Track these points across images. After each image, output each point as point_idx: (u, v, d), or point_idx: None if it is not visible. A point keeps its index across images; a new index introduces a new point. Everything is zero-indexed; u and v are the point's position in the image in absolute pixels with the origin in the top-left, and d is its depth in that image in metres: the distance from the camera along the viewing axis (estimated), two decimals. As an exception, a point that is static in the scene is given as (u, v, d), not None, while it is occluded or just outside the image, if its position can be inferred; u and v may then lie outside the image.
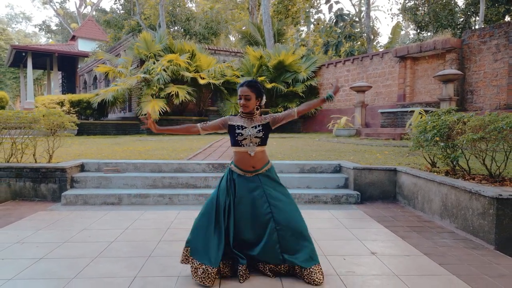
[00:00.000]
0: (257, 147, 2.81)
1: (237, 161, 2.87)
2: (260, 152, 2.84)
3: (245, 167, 2.83)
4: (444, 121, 4.64)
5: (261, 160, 2.85)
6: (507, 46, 10.70)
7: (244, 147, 2.80)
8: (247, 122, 2.84)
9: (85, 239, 3.70)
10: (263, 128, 2.83)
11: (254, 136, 2.79)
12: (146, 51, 15.82)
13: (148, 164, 6.12)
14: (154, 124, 2.91)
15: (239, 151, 2.83)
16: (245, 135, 2.79)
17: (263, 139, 2.83)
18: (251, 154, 2.79)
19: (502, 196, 3.47)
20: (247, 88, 2.80)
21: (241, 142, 2.79)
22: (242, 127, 2.81)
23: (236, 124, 2.84)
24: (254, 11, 28.71)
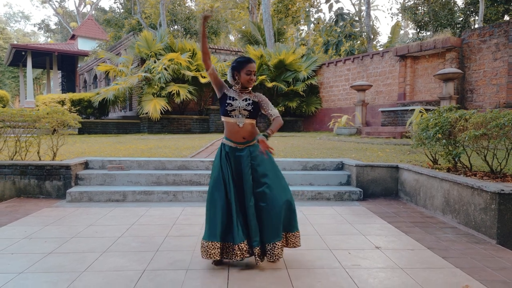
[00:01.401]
0: (246, 119, 2.88)
1: (228, 133, 2.94)
2: (249, 124, 2.90)
3: (236, 138, 2.89)
4: (446, 118, 4.69)
5: (251, 132, 2.91)
6: (506, 45, 10.77)
7: (232, 118, 2.87)
8: (239, 95, 2.93)
9: (93, 235, 3.75)
10: (253, 103, 2.92)
11: (243, 108, 2.87)
12: (147, 50, 15.85)
13: (152, 162, 6.17)
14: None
15: (228, 122, 2.91)
16: (235, 106, 2.87)
17: (252, 113, 2.89)
18: (240, 125, 2.86)
19: (504, 191, 3.52)
20: (255, 64, 2.93)
21: (230, 112, 2.87)
22: (233, 98, 2.90)
23: (228, 95, 2.92)
24: (254, 10, 28.74)
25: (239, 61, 2.93)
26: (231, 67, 2.95)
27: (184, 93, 14.37)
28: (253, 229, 2.82)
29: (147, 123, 15.04)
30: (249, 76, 2.90)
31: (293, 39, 27.86)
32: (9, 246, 3.39)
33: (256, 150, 2.89)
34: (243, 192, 2.87)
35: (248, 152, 2.89)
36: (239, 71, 2.91)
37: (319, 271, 2.85)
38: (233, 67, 2.94)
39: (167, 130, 15.29)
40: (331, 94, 16.91)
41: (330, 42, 20.27)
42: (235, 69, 2.92)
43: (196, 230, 3.91)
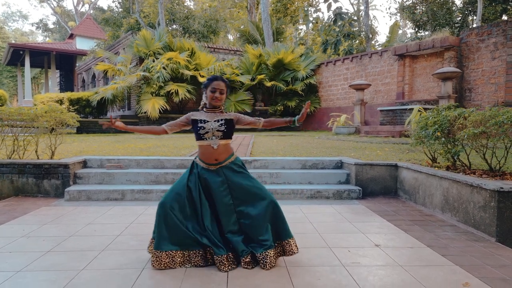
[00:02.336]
0: (220, 140, 2.86)
1: (201, 155, 2.93)
2: (223, 146, 2.88)
3: (208, 160, 2.88)
4: (445, 116, 4.69)
5: (224, 152, 2.89)
6: (504, 44, 10.79)
7: (206, 140, 2.85)
8: (210, 116, 2.90)
9: (91, 233, 3.74)
10: (225, 122, 2.89)
11: (216, 130, 2.85)
12: (146, 49, 15.82)
13: (150, 161, 6.15)
14: (118, 121, 2.95)
15: (202, 145, 2.89)
16: (207, 128, 2.84)
17: (226, 133, 2.88)
18: (214, 147, 2.84)
19: (504, 189, 3.53)
20: (222, 82, 2.89)
21: (203, 135, 2.84)
22: (204, 121, 2.87)
23: (199, 119, 2.89)
24: (253, 10, 28.73)
25: (207, 79, 2.93)
26: (202, 86, 2.97)
27: (182, 92, 14.35)
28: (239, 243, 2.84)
29: (145, 122, 15.01)
30: (213, 94, 2.86)
31: (292, 38, 27.85)
32: (7, 244, 3.37)
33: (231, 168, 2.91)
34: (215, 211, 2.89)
35: (223, 174, 2.89)
36: (206, 89, 2.91)
37: (319, 268, 2.85)
38: (203, 86, 2.95)
39: (166, 130, 15.24)
40: (330, 93, 16.92)
41: (328, 42, 20.28)
42: (204, 87, 2.93)
43: (195, 229, 3.89)
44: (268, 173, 5.83)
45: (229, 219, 2.87)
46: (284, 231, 2.90)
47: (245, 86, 16.13)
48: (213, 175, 2.89)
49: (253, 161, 6.20)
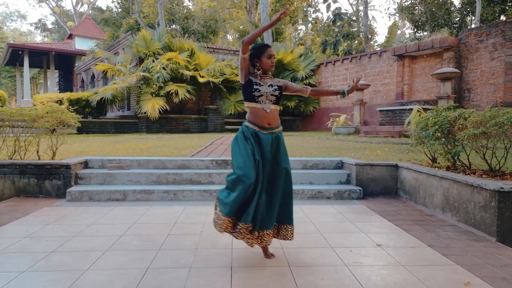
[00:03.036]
0: (272, 104, 2.93)
1: (253, 118, 2.93)
2: (275, 110, 2.96)
3: (261, 123, 2.91)
4: (445, 117, 4.72)
5: (275, 119, 2.97)
6: (503, 45, 10.83)
7: (260, 103, 2.89)
8: (262, 81, 2.96)
9: (94, 233, 3.75)
10: (278, 88, 2.98)
11: (270, 94, 2.91)
12: (145, 50, 15.82)
13: (152, 161, 6.17)
14: None
15: (255, 107, 2.91)
16: (262, 91, 2.89)
17: (278, 98, 2.96)
18: (267, 111, 2.89)
19: (504, 189, 3.56)
20: (272, 48, 2.97)
21: (258, 98, 2.89)
22: (259, 84, 2.92)
23: (254, 81, 2.93)
24: (252, 10, 28.72)
25: (258, 47, 2.96)
26: (250, 55, 2.95)
27: (182, 92, 14.36)
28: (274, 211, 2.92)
29: (145, 122, 15.01)
30: (270, 60, 2.94)
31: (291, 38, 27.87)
32: (10, 245, 3.39)
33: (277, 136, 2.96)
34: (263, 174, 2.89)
35: (271, 138, 2.92)
36: (260, 57, 2.94)
37: (321, 268, 2.87)
38: (252, 54, 2.95)
39: (166, 130, 15.27)
40: (329, 93, 16.94)
41: (328, 42, 20.31)
42: (255, 55, 2.95)
43: (198, 229, 3.92)
44: (269, 174, 5.84)
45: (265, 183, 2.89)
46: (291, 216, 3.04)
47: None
48: (264, 135, 2.91)
49: (254, 161, 6.21)
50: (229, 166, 6.17)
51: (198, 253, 3.19)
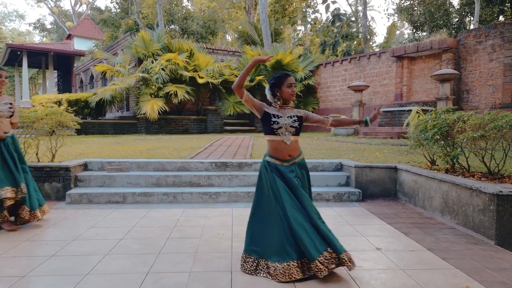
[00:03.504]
0: (293, 136, 2.89)
1: (273, 151, 2.91)
2: (295, 142, 2.93)
3: (282, 156, 2.89)
4: (444, 119, 4.74)
5: (296, 149, 2.94)
6: (502, 46, 10.86)
7: (280, 136, 2.86)
8: (282, 111, 2.93)
9: (94, 237, 3.76)
10: (298, 118, 2.95)
11: (289, 125, 2.88)
12: (145, 50, 15.82)
13: (151, 163, 6.17)
14: None
15: (274, 140, 2.89)
16: (281, 123, 2.86)
17: (298, 129, 2.93)
18: (287, 143, 2.86)
19: (503, 192, 3.57)
20: (292, 77, 2.96)
21: (277, 131, 2.86)
22: (278, 116, 2.89)
23: (271, 113, 2.90)
24: (251, 10, 28.74)
25: (277, 77, 2.94)
26: (271, 85, 2.96)
27: (181, 93, 14.36)
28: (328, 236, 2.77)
29: (144, 123, 15.01)
30: (291, 88, 2.91)
31: (290, 39, 27.88)
32: (11, 249, 3.39)
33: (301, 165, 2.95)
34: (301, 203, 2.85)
35: (294, 168, 2.90)
36: (280, 87, 2.91)
37: (321, 272, 2.87)
38: (273, 84, 2.94)
39: (165, 131, 15.27)
40: (328, 94, 16.97)
41: (327, 43, 20.33)
42: (275, 85, 2.92)
43: (197, 232, 3.93)
44: (268, 176, 5.85)
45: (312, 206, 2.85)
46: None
47: (244, 88, 16.15)
48: (286, 167, 2.89)
49: (254, 163, 6.23)
50: (228, 168, 6.18)
51: (198, 257, 3.20)
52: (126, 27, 22.27)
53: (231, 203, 5.33)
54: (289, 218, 2.75)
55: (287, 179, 2.85)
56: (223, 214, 4.69)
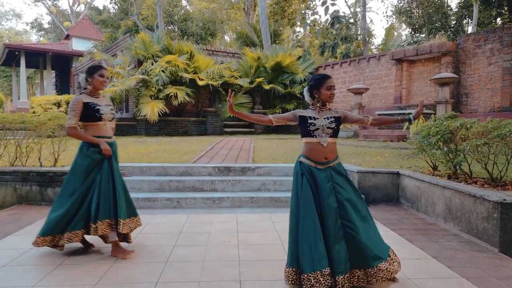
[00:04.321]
0: (330, 138, 2.82)
1: (309, 153, 2.83)
2: (332, 144, 2.84)
3: (317, 158, 2.80)
4: (447, 126, 4.77)
5: (333, 152, 2.84)
6: (501, 50, 10.93)
7: (316, 137, 2.80)
8: (319, 113, 2.87)
9: (100, 244, 3.76)
10: (335, 120, 2.87)
11: (326, 127, 2.81)
12: (144, 52, 15.81)
13: (154, 168, 6.18)
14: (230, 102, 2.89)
15: (311, 142, 2.82)
16: (318, 125, 2.80)
17: (335, 130, 2.85)
18: (324, 145, 2.79)
19: (507, 200, 3.61)
20: (332, 79, 2.91)
21: (313, 132, 2.79)
22: (314, 118, 2.83)
23: (307, 115, 2.86)
24: (250, 12, 28.77)
25: (317, 79, 2.90)
26: (309, 86, 2.92)
27: (182, 95, 14.36)
28: (341, 255, 2.64)
29: (144, 125, 15.00)
30: (330, 91, 2.86)
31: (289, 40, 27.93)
32: (17, 257, 3.39)
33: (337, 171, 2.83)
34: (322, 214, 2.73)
35: (329, 173, 2.79)
36: (319, 89, 2.87)
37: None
38: (311, 86, 2.91)
39: (165, 132, 15.27)
40: (327, 96, 17.01)
41: (326, 45, 20.39)
42: (314, 87, 2.89)
43: (203, 240, 3.94)
44: (271, 181, 5.88)
45: (336, 221, 2.70)
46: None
47: (244, 89, 16.20)
48: (320, 172, 2.79)
49: (256, 168, 6.25)
50: (231, 173, 6.20)
51: (206, 266, 3.21)
52: (126, 28, 22.23)
53: (234, 208, 5.35)
54: (299, 229, 2.73)
55: (319, 186, 2.75)
56: (227, 220, 4.70)
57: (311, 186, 2.77)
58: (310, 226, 2.68)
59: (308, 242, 2.65)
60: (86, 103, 3.42)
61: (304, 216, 2.72)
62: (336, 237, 2.68)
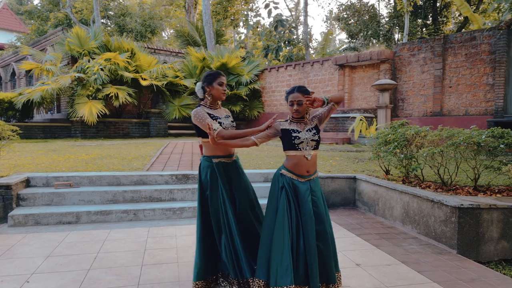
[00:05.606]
0: (313, 150, 2.77)
1: (292, 166, 2.75)
2: (315, 156, 2.80)
3: (300, 171, 2.74)
4: (402, 134, 5.04)
5: (314, 164, 2.81)
6: (432, 60, 11.91)
7: (300, 150, 2.73)
8: (299, 126, 2.79)
9: (56, 269, 3.36)
10: (317, 130, 2.81)
11: (310, 139, 2.75)
12: (79, 48, 14.69)
13: (104, 177, 5.72)
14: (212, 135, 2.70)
15: (295, 155, 2.74)
16: (302, 138, 2.72)
17: (318, 142, 2.81)
18: (308, 158, 2.73)
19: (463, 205, 3.88)
20: (298, 93, 2.73)
21: (298, 145, 2.72)
22: (297, 131, 2.75)
23: (290, 128, 2.77)
24: (191, 10, 28.17)
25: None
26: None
27: (123, 95, 13.58)
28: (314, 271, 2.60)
29: (80, 127, 13.95)
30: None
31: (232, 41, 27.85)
32: (-44, 291, 2.90)
33: (315, 184, 2.79)
34: (298, 229, 2.69)
35: (309, 186, 2.75)
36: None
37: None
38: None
39: (103, 135, 14.34)
40: (273, 98, 17.25)
41: (270, 47, 20.67)
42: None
43: (172, 256, 3.71)
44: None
45: (312, 237, 2.65)
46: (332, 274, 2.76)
47: (189, 90, 15.79)
48: (302, 184, 2.73)
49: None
50: (190, 181, 5.96)
51: (183, 286, 3.01)
52: (56, 21, 20.50)
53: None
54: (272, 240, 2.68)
55: (300, 199, 2.71)
56: (192, 233, 4.47)
57: (289, 200, 2.73)
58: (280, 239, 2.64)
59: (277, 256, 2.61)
60: None
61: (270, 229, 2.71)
62: (312, 251, 2.64)
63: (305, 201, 2.71)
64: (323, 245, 2.68)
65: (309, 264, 2.60)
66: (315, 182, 2.82)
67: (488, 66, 10.65)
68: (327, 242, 2.70)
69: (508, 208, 3.92)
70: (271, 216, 2.74)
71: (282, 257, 2.58)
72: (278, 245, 2.61)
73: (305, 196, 2.72)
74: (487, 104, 10.68)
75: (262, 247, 2.71)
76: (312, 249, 2.62)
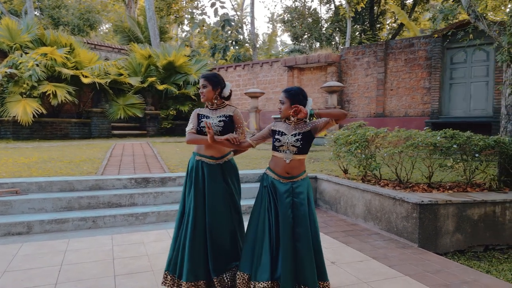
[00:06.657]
0: (294, 155, 2.74)
1: (273, 166, 2.81)
2: (297, 160, 2.76)
3: (280, 172, 2.77)
4: (363, 135, 5.29)
5: (296, 167, 2.77)
6: (375, 64, 12.66)
7: (281, 153, 2.76)
8: (288, 128, 2.78)
9: (18, 285, 3.04)
10: (303, 137, 2.74)
11: (291, 144, 2.72)
12: (10, 41, 13.39)
13: (56, 183, 5.28)
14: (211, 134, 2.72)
15: (276, 156, 2.79)
16: (283, 141, 2.73)
17: (301, 148, 2.74)
18: (286, 161, 2.74)
19: (424, 202, 4.18)
20: (283, 93, 2.82)
21: (278, 148, 2.76)
22: (281, 133, 2.76)
23: (277, 130, 2.80)
24: (132, 4, 26.99)
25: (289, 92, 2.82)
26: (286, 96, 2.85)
27: (62, 94, 12.64)
28: (286, 271, 2.63)
29: (11, 127, 12.71)
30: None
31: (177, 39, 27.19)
32: None
33: (299, 186, 2.77)
34: (277, 227, 2.70)
35: (290, 187, 2.73)
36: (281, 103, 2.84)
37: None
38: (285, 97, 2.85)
39: (39, 136, 13.22)
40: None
41: (217, 47, 20.52)
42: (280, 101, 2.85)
43: (145, 264, 3.54)
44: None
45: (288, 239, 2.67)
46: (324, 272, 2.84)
47: (134, 89, 15.12)
48: (282, 185, 2.74)
49: (177, 177, 5.91)
50: (150, 184, 5.73)
51: (166, 297, 2.89)
52: (-21, 10, 18.47)
53: (161, 223, 4.96)
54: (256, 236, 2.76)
55: (278, 200, 2.73)
56: (160, 239, 4.33)
57: (270, 198, 2.77)
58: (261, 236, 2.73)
59: (257, 252, 2.71)
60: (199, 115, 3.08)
61: (254, 225, 2.79)
62: (286, 251, 2.67)
63: (282, 202, 2.73)
64: (301, 247, 2.68)
65: (283, 264, 2.65)
66: (299, 184, 2.80)
67: (425, 71, 11.59)
68: (306, 244, 2.69)
69: (461, 203, 4.30)
70: (256, 212, 2.82)
71: (262, 253, 2.68)
72: (259, 242, 2.72)
73: (283, 197, 2.74)
74: (424, 106, 11.62)
75: (247, 242, 2.80)
76: (286, 249, 2.65)
